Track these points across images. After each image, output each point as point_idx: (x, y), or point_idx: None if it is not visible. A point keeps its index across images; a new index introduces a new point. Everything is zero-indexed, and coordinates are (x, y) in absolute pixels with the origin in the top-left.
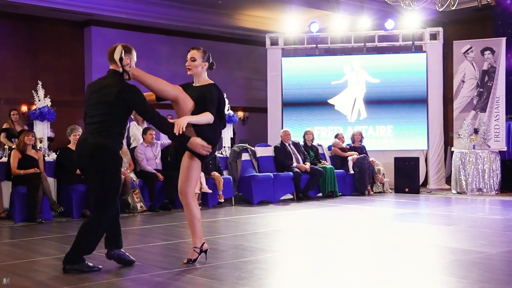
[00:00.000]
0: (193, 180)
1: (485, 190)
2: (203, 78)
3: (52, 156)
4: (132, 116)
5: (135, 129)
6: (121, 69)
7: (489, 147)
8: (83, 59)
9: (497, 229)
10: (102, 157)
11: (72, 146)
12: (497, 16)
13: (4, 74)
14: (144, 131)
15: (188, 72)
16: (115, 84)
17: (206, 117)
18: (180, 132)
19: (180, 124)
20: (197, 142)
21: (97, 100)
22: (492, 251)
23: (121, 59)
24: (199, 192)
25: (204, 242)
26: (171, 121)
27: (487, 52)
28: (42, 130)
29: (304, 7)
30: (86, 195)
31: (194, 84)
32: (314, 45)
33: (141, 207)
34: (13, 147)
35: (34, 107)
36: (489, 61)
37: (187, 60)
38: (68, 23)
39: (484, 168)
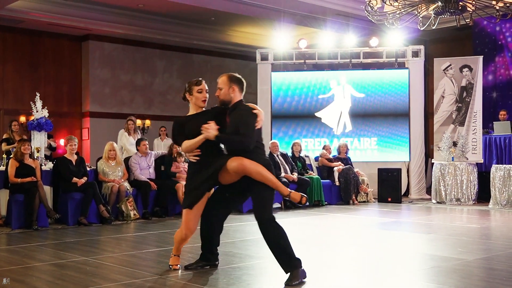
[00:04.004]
0: None
1: (463, 200)
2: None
3: (49, 165)
4: (124, 127)
5: (124, 140)
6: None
7: (467, 159)
8: (81, 72)
9: (474, 237)
10: None
11: (68, 155)
12: (474, 35)
13: (4, 86)
14: (138, 142)
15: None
16: None
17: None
18: None
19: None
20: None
21: None
22: (470, 258)
23: None
24: None
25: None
26: None
27: (465, 70)
28: (40, 140)
29: (293, 24)
30: (81, 203)
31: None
32: (302, 61)
33: (134, 214)
34: (11, 156)
35: (32, 118)
36: (467, 78)
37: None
38: (67, 37)
39: (462, 179)
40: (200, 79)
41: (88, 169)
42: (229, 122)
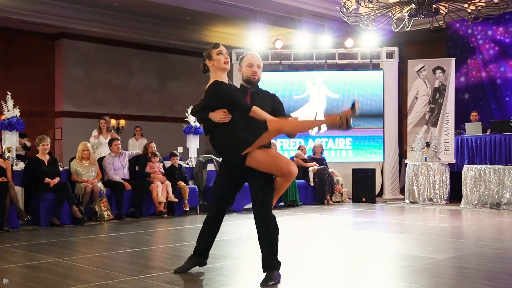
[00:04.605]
0: None
1: (435, 200)
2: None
3: (20, 166)
4: (97, 126)
5: (91, 139)
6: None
7: (440, 159)
8: (54, 71)
9: (446, 236)
10: None
11: (40, 155)
12: (447, 38)
13: None
14: (110, 142)
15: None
16: None
17: None
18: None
19: None
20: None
21: None
22: (441, 257)
23: None
24: (165, 201)
25: None
26: None
27: (438, 71)
28: (11, 140)
29: (269, 24)
30: (54, 204)
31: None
32: (278, 61)
33: (108, 215)
34: None
35: (3, 117)
36: (440, 79)
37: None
38: (41, 36)
39: (435, 179)
40: (218, 43)
41: (61, 169)
42: (259, 104)
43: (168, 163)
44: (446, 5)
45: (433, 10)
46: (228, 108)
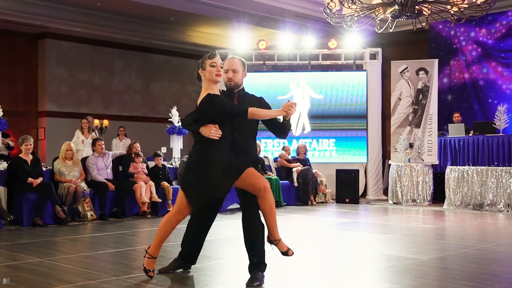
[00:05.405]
0: None
1: (418, 200)
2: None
3: (3, 165)
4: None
5: (75, 138)
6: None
7: (423, 160)
8: (37, 70)
9: (429, 237)
10: None
11: (23, 155)
12: (430, 39)
13: None
14: (93, 142)
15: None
16: None
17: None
18: None
19: None
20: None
21: None
22: (424, 258)
23: None
24: (148, 201)
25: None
26: None
27: (421, 72)
28: None
29: (252, 25)
30: (36, 204)
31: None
32: (262, 62)
33: (91, 215)
34: None
35: None
36: (423, 80)
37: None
38: (23, 35)
39: (418, 180)
40: (214, 52)
41: (44, 169)
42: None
43: (151, 163)
44: (429, 6)
45: (416, 12)
46: (221, 122)
